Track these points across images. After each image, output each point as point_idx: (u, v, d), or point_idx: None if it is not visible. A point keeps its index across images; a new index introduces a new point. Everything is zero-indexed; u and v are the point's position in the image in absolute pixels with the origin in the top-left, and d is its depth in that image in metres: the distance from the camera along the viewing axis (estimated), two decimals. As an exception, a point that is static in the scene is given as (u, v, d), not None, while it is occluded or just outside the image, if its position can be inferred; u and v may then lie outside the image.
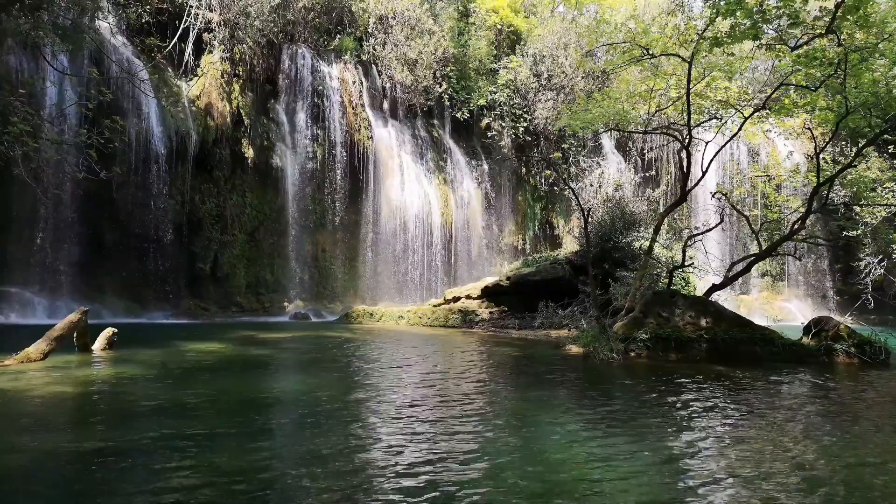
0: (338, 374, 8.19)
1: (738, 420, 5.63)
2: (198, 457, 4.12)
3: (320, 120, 22.74)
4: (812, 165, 17.31)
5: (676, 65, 13.22)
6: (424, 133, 25.94)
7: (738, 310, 16.77)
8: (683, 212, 26.56)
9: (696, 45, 11.38)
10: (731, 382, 7.74)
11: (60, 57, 16.09)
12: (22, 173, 12.84)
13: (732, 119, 14.08)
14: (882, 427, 5.54)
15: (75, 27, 14.69)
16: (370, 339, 13.22)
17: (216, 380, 7.45)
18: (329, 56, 23.91)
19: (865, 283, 21.81)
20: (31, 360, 7.91)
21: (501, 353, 11.08)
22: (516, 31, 28.22)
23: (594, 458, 4.26)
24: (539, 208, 28.36)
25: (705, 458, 4.38)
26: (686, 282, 17.63)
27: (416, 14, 24.98)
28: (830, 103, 11.77)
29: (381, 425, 5.17)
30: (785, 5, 10.23)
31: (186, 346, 10.73)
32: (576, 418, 5.55)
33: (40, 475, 3.80)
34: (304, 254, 22.34)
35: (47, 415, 5.40)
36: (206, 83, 20.36)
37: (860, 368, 9.40)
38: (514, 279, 17.85)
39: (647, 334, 10.25)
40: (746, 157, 28.38)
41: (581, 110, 15.10)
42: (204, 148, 19.96)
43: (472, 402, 6.27)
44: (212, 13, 20.61)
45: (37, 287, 16.80)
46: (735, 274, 12.93)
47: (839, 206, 17.99)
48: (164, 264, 18.93)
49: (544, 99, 26.53)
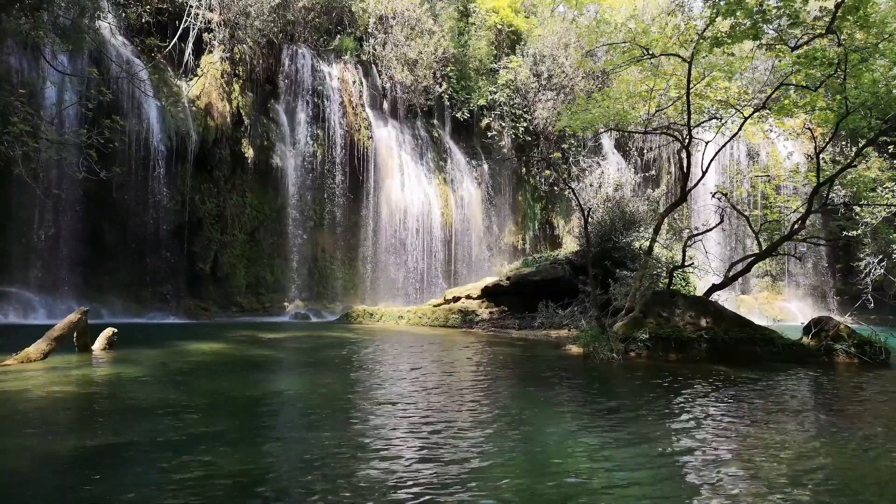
0: (338, 374, 8.18)
1: (738, 420, 5.63)
2: (198, 457, 4.11)
3: (320, 120, 22.75)
4: (812, 165, 17.31)
5: (676, 65, 13.22)
6: (424, 133, 25.95)
7: (738, 310, 16.78)
8: (683, 212, 26.58)
9: (696, 45, 11.38)
10: (731, 382, 7.74)
11: (60, 57, 16.09)
12: (22, 173, 12.86)
13: (732, 119, 14.09)
14: (882, 426, 5.54)
15: (75, 27, 14.68)
16: (370, 339, 13.22)
17: (216, 380, 7.44)
18: (329, 56, 23.91)
19: (865, 283, 21.82)
20: (31, 360, 7.90)
21: (501, 352, 11.07)
22: (516, 31, 28.22)
23: (594, 458, 4.26)
24: (539, 208, 28.37)
25: (706, 457, 4.37)
26: (686, 282, 17.63)
27: (416, 14, 24.99)
28: (830, 103, 11.77)
29: (382, 425, 5.17)
30: (785, 5, 10.24)
31: (186, 346, 10.73)
32: (576, 418, 5.55)
33: (40, 475, 3.80)
34: (304, 254, 22.34)
35: (47, 415, 5.40)
36: (206, 83, 20.35)
37: (860, 368, 9.39)
38: (514, 279, 17.85)
39: (647, 334, 10.25)
40: (746, 157, 28.40)
41: (581, 110, 15.08)
42: (204, 148, 19.96)
43: (472, 401, 6.27)
44: (212, 13, 20.60)
45: (37, 287, 16.80)
46: (735, 274, 12.93)
47: (839, 206, 17.99)
48: (164, 264, 18.93)
49: (544, 99, 26.54)
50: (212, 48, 20.74)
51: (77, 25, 14.73)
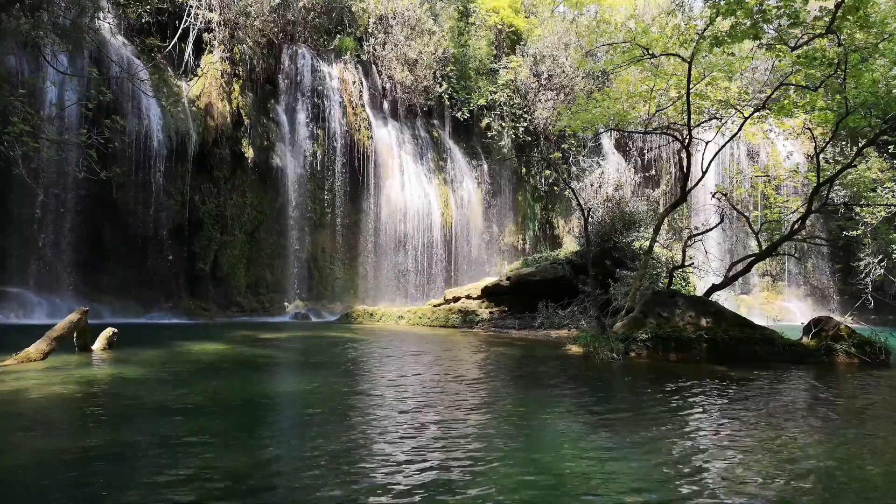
0: (338, 374, 8.18)
1: (738, 420, 5.63)
2: (198, 457, 4.11)
3: (320, 120, 22.74)
4: (812, 165, 17.31)
5: (676, 65, 13.22)
6: (424, 133, 25.95)
7: (738, 310, 16.77)
8: (683, 212, 26.57)
9: (696, 44, 11.38)
10: (732, 382, 7.74)
11: (60, 57, 16.06)
12: (22, 173, 12.86)
13: (732, 119, 14.10)
14: (882, 426, 5.54)
15: (75, 27, 14.67)
16: (370, 339, 13.22)
17: (216, 380, 7.44)
18: (329, 56, 23.91)
19: (865, 283, 21.82)
20: (31, 360, 7.90)
21: (501, 353, 11.07)
22: (516, 31, 28.23)
23: (594, 458, 4.25)
24: (539, 208, 28.37)
25: (706, 457, 4.37)
26: (686, 282, 17.63)
27: (416, 14, 24.99)
28: (830, 103, 11.77)
29: (382, 424, 5.17)
30: (785, 5, 10.23)
31: (186, 346, 10.73)
32: (576, 418, 5.55)
33: (40, 475, 3.80)
34: (304, 254, 22.34)
35: (47, 415, 5.40)
36: (206, 83, 20.35)
37: (860, 368, 9.39)
38: (514, 279, 17.85)
39: (648, 334, 10.25)
40: (746, 157, 28.39)
41: (581, 110, 15.09)
42: (204, 148, 19.95)
43: (472, 401, 6.28)
44: (212, 13, 20.60)
45: (37, 287, 16.79)
46: (735, 274, 12.93)
47: (839, 206, 17.99)
48: (164, 264, 18.92)
49: (544, 99, 26.54)
50: (212, 48, 20.74)
51: (77, 25, 14.72)
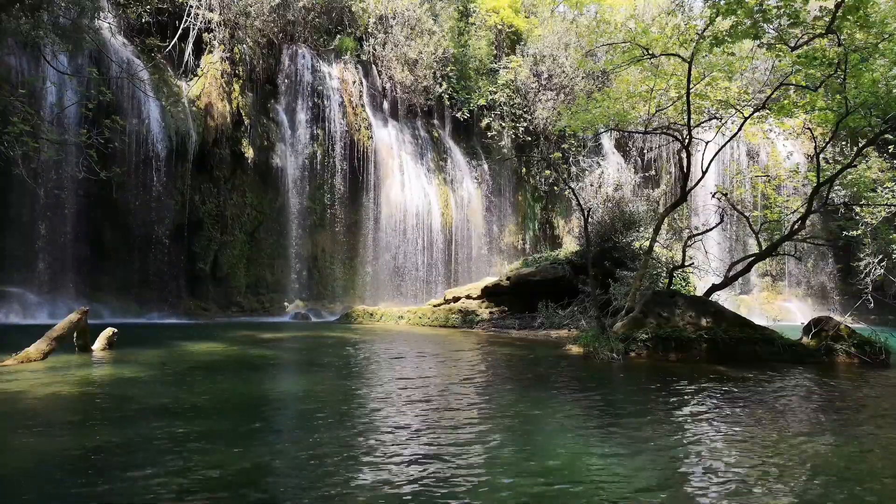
0: (338, 374, 8.18)
1: (738, 419, 5.63)
2: (198, 457, 4.11)
3: (320, 120, 22.74)
4: (812, 165, 17.31)
5: (676, 65, 13.22)
6: (424, 133, 25.94)
7: (738, 310, 16.76)
8: (683, 212, 26.58)
9: (696, 44, 11.38)
10: (732, 382, 7.73)
11: (60, 57, 16.07)
12: (22, 173, 12.86)
13: (732, 119, 14.09)
14: (882, 426, 5.54)
15: (75, 27, 14.67)
16: (370, 339, 13.22)
17: (216, 380, 7.44)
18: (329, 56, 23.90)
19: (865, 283, 21.81)
20: (31, 360, 7.91)
21: (501, 352, 11.07)
22: (516, 31, 28.23)
23: (594, 458, 4.26)
24: (539, 208, 28.37)
25: (706, 457, 4.37)
26: (686, 282, 17.62)
27: (416, 14, 24.99)
28: (830, 103, 11.76)
29: (382, 424, 5.17)
30: (785, 5, 10.23)
31: (186, 346, 10.73)
32: (576, 418, 5.55)
33: (40, 475, 3.80)
34: (304, 254, 22.34)
35: (47, 415, 5.40)
36: (206, 83, 20.35)
37: (860, 368, 9.39)
38: (514, 279, 17.85)
39: (647, 334, 10.25)
40: (746, 157, 28.39)
41: (581, 110, 15.09)
42: (204, 148, 19.95)
43: (472, 401, 6.28)
44: (212, 13, 20.60)
45: (37, 287, 16.79)
46: (735, 274, 12.93)
47: (839, 206, 17.99)
48: (164, 264, 18.92)
49: (544, 99, 26.54)
50: (212, 48, 20.74)
51: (77, 25, 14.72)
